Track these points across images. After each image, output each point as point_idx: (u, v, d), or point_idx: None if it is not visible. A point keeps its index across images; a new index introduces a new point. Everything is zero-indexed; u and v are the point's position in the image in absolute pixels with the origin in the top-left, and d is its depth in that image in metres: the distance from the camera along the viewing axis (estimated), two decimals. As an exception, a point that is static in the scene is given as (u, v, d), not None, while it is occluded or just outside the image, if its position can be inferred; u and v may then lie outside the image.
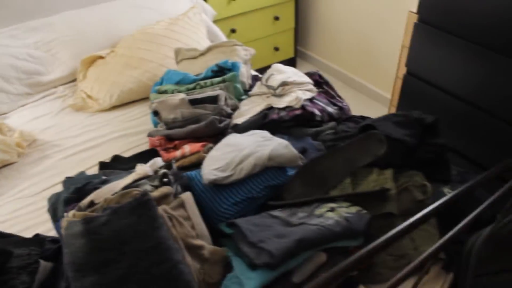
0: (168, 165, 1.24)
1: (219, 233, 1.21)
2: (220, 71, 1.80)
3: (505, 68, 1.59)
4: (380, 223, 1.23)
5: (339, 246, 1.10)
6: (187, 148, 1.54)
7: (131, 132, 1.91)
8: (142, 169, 1.19)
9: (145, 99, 2.12)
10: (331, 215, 1.12)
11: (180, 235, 1.06)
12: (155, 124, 1.81)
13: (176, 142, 1.61)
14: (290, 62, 3.49)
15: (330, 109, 1.64)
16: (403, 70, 2.11)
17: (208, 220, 1.25)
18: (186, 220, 1.12)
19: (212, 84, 1.75)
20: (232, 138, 1.43)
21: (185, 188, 1.28)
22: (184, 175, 1.36)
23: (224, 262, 1.14)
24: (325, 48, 3.46)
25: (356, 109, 1.96)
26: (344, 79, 3.37)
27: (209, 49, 2.03)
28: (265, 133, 1.41)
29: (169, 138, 1.65)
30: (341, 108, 1.69)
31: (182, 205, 1.13)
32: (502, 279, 1.21)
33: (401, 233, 0.95)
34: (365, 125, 1.35)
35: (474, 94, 1.77)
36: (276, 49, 3.33)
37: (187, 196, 1.16)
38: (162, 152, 1.56)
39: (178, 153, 1.54)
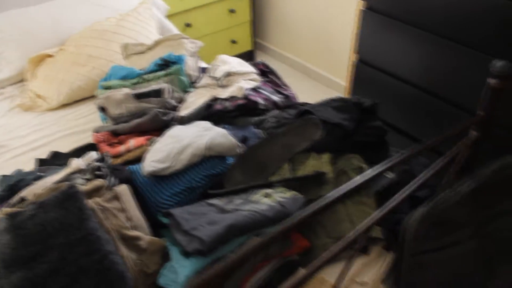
0: (101, 158, 1.24)
1: (162, 225, 1.21)
2: (165, 64, 1.79)
3: (449, 52, 1.63)
4: (317, 193, 1.25)
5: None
6: (132, 142, 1.53)
7: (80, 130, 1.89)
8: (75, 163, 1.18)
9: (94, 96, 2.10)
10: (265, 200, 1.13)
11: (114, 227, 1.06)
12: (104, 121, 1.79)
13: (121, 137, 1.60)
14: (249, 55, 3.50)
15: (275, 97, 1.65)
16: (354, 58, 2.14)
17: (150, 212, 1.25)
18: (121, 212, 1.11)
19: (156, 78, 1.74)
20: (174, 130, 1.43)
21: (127, 182, 1.28)
22: (126, 169, 1.35)
23: (163, 252, 1.14)
24: (283, 39, 3.48)
25: (313, 98, 1.98)
26: (303, 69, 3.39)
27: (156, 43, 2.02)
28: (206, 124, 1.42)
29: (114, 133, 1.64)
30: (286, 96, 1.70)
31: (116, 198, 1.13)
32: (442, 256, 1.24)
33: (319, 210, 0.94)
34: (303, 111, 1.37)
35: (421, 78, 1.80)
36: (234, 42, 3.33)
37: (122, 189, 1.16)
38: (106, 148, 1.55)
39: (122, 147, 1.53)
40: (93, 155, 1.25)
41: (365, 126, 1.35)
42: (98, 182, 1.11)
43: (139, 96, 1.67)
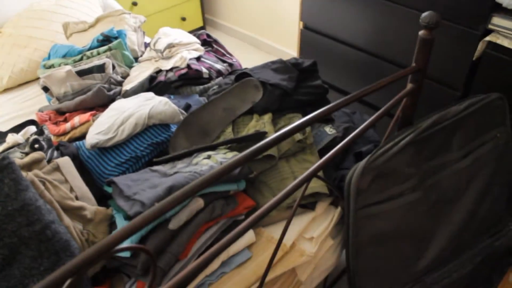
0: (40, 131, 1.22)
1: (110, 197, 1.21)
2: (107, 40, 1.77)
3: (389, 13, 1.66)
4: (264, 166, 1.27)
5: (219, 191, 1.13)
6: (77, 119, 1.52)
7: (26, 112, 1.86)
8: (12, 138, 1.17)
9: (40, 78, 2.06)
10: (206, 162, 1.14)
11: (56, 198, 1.06)
12: (50, 101, 1.76)
13: (67, 114, 1.59)
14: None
15: (219, 66, 1.66)
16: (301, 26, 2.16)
17: (98, 185, 1.25)
18: (62, 183, 1.11)
19: (98, 54, 1.72)
20: (116, 103, 1.42)
21: (74, 158, 1.27)
22: (72, 145, 1.35)
23: (109, 221, 1.15)
24: (232, 13, 3.46)
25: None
26: (254, 42, 3.40)
27: (98, 20, 1.98)
28: (148, 94, 1.41)
29: (60, 112, 1.62)
30: (230, 65, 1.71)
31: (57, 169, 1.12)
32: (388, 208, 1.28)
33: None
34: (242, 74, 1.38)
35: (364, 40, 1.84)
36: (183, 19, 3.30)
37: (63, 160, 1.15)
38: (51, 126, 1.53)
39: (68, 125, 1.51)
40: (31, 129, 1.24)
41: (305, 85, 1.38)
42: (37, 154, 1.10)
43: (81, 73, 1.65)
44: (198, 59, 1.64)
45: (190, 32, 1.94)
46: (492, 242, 1.62)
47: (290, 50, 3.11)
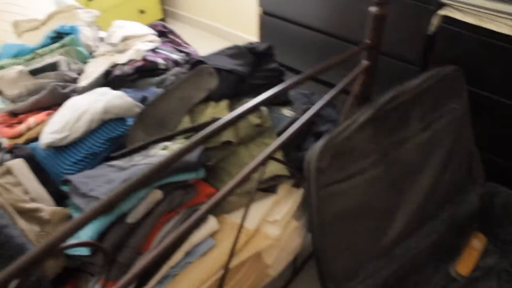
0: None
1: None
2: (59, 37, 1.72)
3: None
4: (223, 153, 1.27)
5: (178, 181, 1.12)
6: (32, 119, 1.48)
7: (-20, 117, 1.80)
8: (-40, 144, 1.13)
9: (-6, 81, 1.99)
10: (162, 152, 1.13)
11: (9, 201, 1.03)
12: (4, 104, 1.72)
13: (21, 116, 1.54)
14: (161, 24, 3.42)
15: (175, 56, 1.64)
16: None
17: (55, 184, 1.22)
18: (15, 186, 1.08)
19: (51, 51, 1.68)
20: (71, 101, 1.39)
21: (30, 160, 1.24)
22: (27, 147, 1.32)
23: (68, 221, 1.13)
24: (192, 3, 3.42)
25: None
26: (216, 32, 3.37)
27: (49, 17, 1.93)
28: (102, 89, 1.39)
29: (14, 114, 1.58)
30: (188, 54, 1.69)
31: (9, 172, 1.10)
32: (350, 185, 1.29)
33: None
34: (197, 62, 1.37)
35: (323, 21, 1.84)
36: (142, 12, 3.25)
37: (14, 163, 1.13)
38: (5, 129, 1.49)
39: (23, 126, 1.47)
40: (-19, 134, 1.20)
41: (262, 69, 1.37)
42: (-14, 158, 1.07)
43: (34, 72, 1.61)
44: (154, 50, 1.62)
45: (150, 25, 1.91)
46: (455, 210, 1.65)
47: (251, 36, 3.09)
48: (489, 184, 1.71)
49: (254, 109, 0.97)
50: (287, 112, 1.36)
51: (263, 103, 0.99)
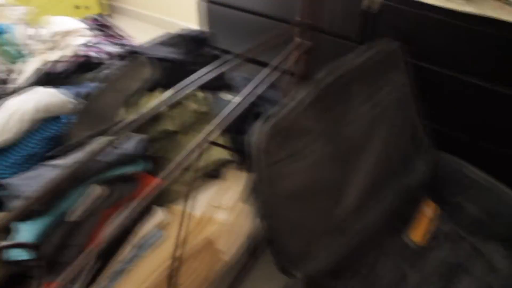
0: None
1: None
2: (-15, 37, 1.65)
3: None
4: (164, 143, 1.25)
5: (117, 175, 1.10)
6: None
7: None
8: None
9: None
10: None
11: None
12: None
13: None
14: (100, 18, 3.32)
15: (111, 48, 1.59)
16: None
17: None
18: None
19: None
20: (2, 103, 1.33)
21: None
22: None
23: (4, 227, 1.09)
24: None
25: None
26: (162, 24, 3.31)
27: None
28: (34, 88, 1.34)
29: None
30: (124, 46, 1.65)
31: None
32: (297, 163, 1.29)
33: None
34: (130, 52, 1.34)
35: (265, 6, 1.83)
36: (77, 7, 3.14)
37: None
38: None
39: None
40: None
41: (197, 54, 1.35)
42: None
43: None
44: (86, 44, 1.57)
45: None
46: (404, 180, 1.69)
47: (194, 25, 3.05)
48: (436, 152, 1.76)
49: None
50: (228, 96, 1.34)
51: (184, 86, 0.97)
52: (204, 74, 0.96)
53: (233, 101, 1.39)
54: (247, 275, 1.63)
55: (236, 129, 1.36)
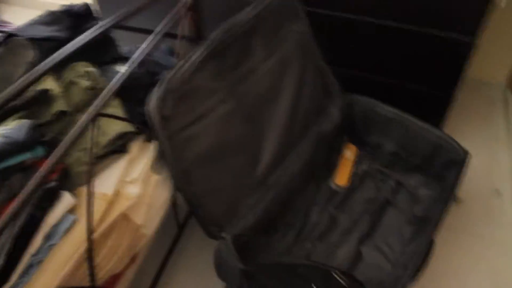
0: None
1: None
2: None
3: None
4: (61, 125, 1.19)
5: (10, 165, 1.04)
6: None
7: None
8: None
9: None
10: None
11: None
12: None
13: None
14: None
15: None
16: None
17: None
18: None
19: None
20: None
21: None
22: None
23: None
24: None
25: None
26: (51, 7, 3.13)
27: None
28: None
29: None
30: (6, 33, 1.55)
31: None
32: (202, 126, 1.26)
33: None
34: (8, 36, 1.25)
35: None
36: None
37: None
38: None
39: None
40: None
41: (82, 30, 1.28)
42: None
43: None
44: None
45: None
46: (319, 127, 1.72)
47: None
48: (346, 95, 1.79)
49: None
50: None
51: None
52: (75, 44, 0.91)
53: (121, 71, 1.34)
54: (179, 247, 1.62)
55: (140, 100, 1.31)
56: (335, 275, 1.06)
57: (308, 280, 1.04)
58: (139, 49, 1.12)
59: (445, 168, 1.63)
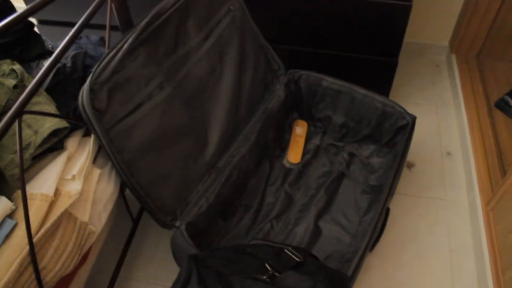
0: None
1: None
2: None
3: None
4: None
5: None
6: None
7: None
8: None
9: None
10: None
11: None
12: None
13: None
14: None
15: None
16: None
17: None
18: None
19: None
20: None
21: None
22: None
23: None
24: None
25: None
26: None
27: None
28: None
29: None
30: None
31: None
32: (140, 115, 1.23)
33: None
34: None
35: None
36: None
37: None
38: None
39: None
40: None
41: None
42: None
43: None
44: None
45: None
46: (266, 105, 1.71)
47: None
48: (290, 71, 1.79)
49: None
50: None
51: None
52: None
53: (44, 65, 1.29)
54: (136, 240, 1.60)
55: (74, 95, 1.27)
56: (287, 252, 1.06)
57: (261, 259, 1.04)
58: (62, 41, 1.07)
59: (394, 135, 1.65)
